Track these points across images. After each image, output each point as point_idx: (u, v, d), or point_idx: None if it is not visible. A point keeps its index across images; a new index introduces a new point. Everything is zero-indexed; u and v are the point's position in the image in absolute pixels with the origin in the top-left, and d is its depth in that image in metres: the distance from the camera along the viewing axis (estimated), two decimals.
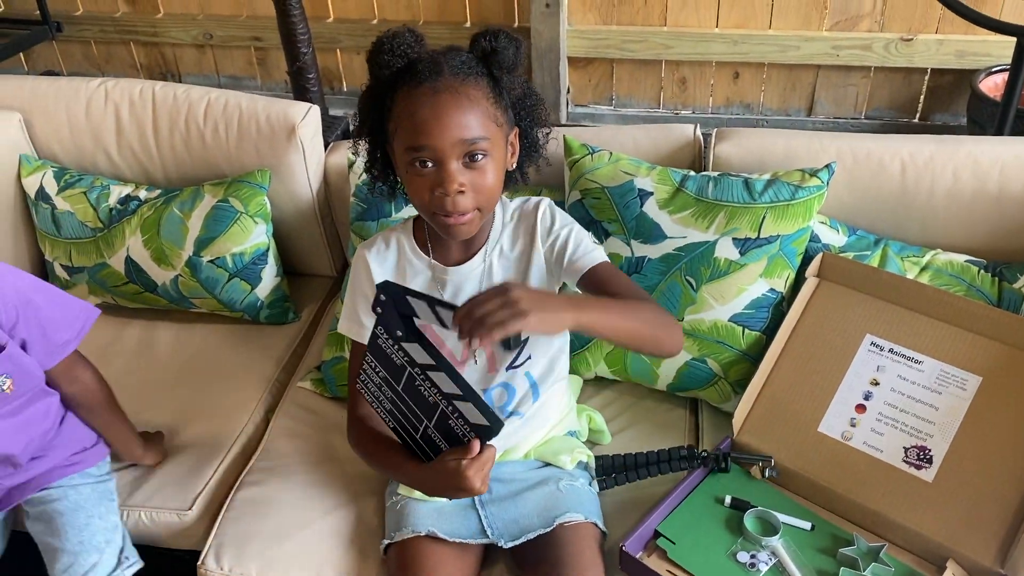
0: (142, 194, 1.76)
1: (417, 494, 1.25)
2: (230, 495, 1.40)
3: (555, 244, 1.24)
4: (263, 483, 1.40)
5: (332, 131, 1.89)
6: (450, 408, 1.05)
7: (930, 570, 1.19)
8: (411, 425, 1.12)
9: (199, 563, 1.31)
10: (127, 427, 1.43)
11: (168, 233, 1.67)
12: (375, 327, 1.10)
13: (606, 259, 1.24)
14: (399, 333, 1.07)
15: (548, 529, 1.20)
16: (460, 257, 1.26)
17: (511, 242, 1.26)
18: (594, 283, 1.20)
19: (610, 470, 1.35)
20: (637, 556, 1.21)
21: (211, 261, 1.66)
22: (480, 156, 1.10)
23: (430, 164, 1.10)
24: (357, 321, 1.26)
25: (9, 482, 1.33)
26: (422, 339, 1.06)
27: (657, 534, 1.24)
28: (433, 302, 1.03)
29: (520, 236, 1.26)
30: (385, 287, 1.06)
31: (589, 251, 1.23)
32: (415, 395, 1.08)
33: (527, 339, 1.25)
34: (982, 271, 1.43)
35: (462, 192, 1.10)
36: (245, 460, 1.48)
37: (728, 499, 1.28)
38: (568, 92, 2.93)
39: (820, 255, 1.42)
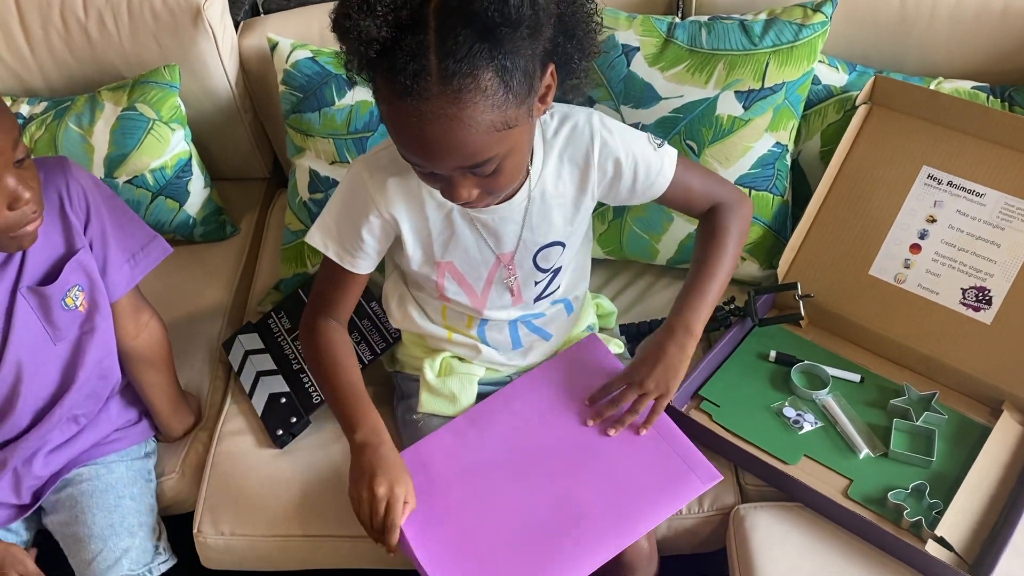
0: (24, 109, 1.47)
1: (435, 410, 1.15)
2: (211, 452, 1.24)
3: (618, 181, 1.04)
4: (243, 433, 1.25)
5: (238, 7, 1.60)
6: None
7: (983, 413, 1.16)
8: None
9: (195, 531, 1.18)
10: (180, 392, 1.25)
11: (69, 155, 1.40)
12: None
13: (674, 167, 1.06)
14: None
15: None
16: None
17: (556, 175, 1.02)
18: (669, 202, 1.11)
19: (638, 337, 1.30)
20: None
21: (129, 182, 1.42)
22: (491, 166, 0.86)
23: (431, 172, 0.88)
24: (336, 239, 1.05)
25: (54, 462, 1.14)
26: None
27: (700, 398, 1.18)
28: None
29: (567, 170, 1.02)
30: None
31: (656, 173, 1.05)
32: None
33: (560, 268, 1.10)
34: (991, 97, 1.33)
35: (474, 194, 0.89)
36: (221, 405, 1.31)
37: (773, 354, 1.23)
38: None
39: (873, 78, 1.28)
